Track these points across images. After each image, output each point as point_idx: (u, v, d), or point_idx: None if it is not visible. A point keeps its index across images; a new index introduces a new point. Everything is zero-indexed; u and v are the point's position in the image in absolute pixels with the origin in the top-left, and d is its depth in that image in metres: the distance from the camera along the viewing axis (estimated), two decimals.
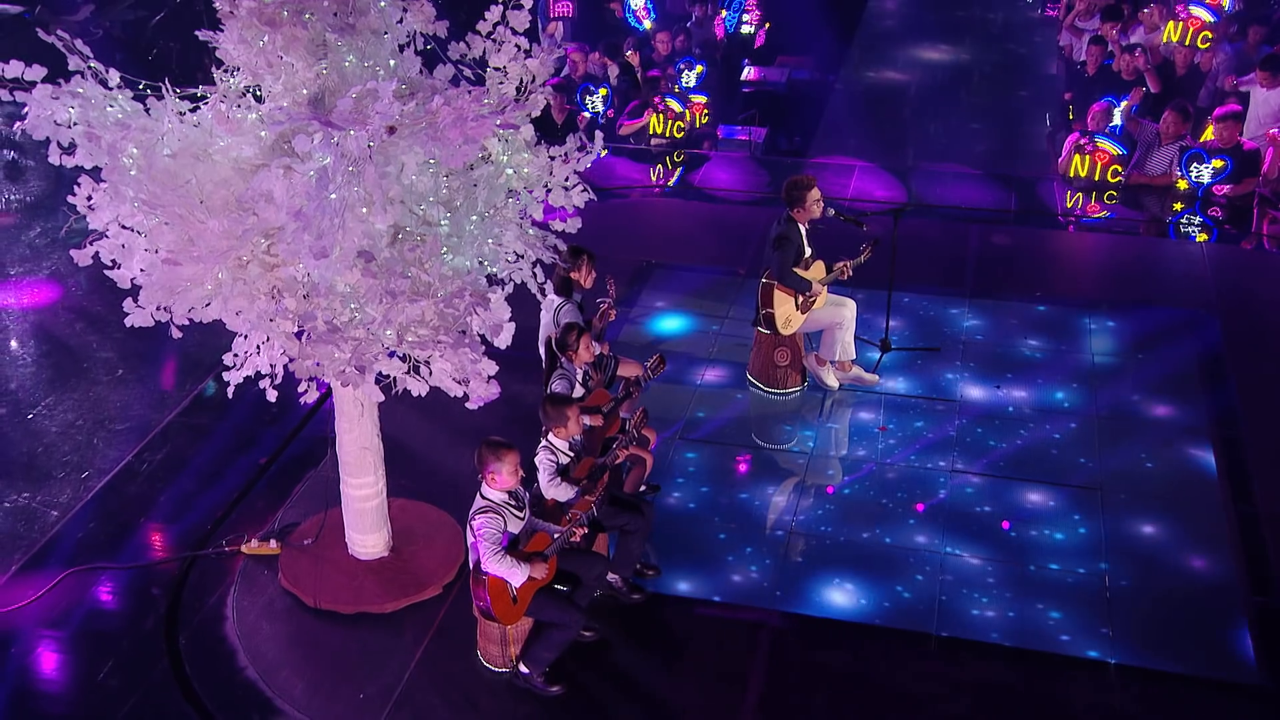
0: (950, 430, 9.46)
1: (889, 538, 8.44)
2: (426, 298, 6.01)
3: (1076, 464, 9.09)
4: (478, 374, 6.27)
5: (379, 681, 7.35)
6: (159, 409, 9.92)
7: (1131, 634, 7.60)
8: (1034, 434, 9.42)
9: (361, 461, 7.86)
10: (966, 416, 9.63)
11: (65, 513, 8.74)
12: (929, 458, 9.19)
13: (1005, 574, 8.10)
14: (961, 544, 8.36)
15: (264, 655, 7.54)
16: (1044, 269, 11.90)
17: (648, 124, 14.60)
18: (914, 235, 12.24)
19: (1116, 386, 9.96)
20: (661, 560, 8.23)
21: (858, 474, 9.11)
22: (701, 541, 8.45)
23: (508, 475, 6.93)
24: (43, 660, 7.54)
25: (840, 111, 16.04)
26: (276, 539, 8.39)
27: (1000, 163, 14.22)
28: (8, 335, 11.07)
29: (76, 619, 7.81)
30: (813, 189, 9.36)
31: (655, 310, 11.18)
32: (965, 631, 7.66)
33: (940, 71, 17.28)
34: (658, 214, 13.42)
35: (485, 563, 6.86)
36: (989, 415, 9.65)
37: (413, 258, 6.03)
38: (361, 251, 5.83)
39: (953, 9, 19.87)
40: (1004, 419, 9.61)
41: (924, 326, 10.81)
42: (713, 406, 9.84)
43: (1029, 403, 9.78)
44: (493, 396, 6.50)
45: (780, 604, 7.93)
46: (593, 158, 7.30)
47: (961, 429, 9.48)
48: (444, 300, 6.10)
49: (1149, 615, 7.75)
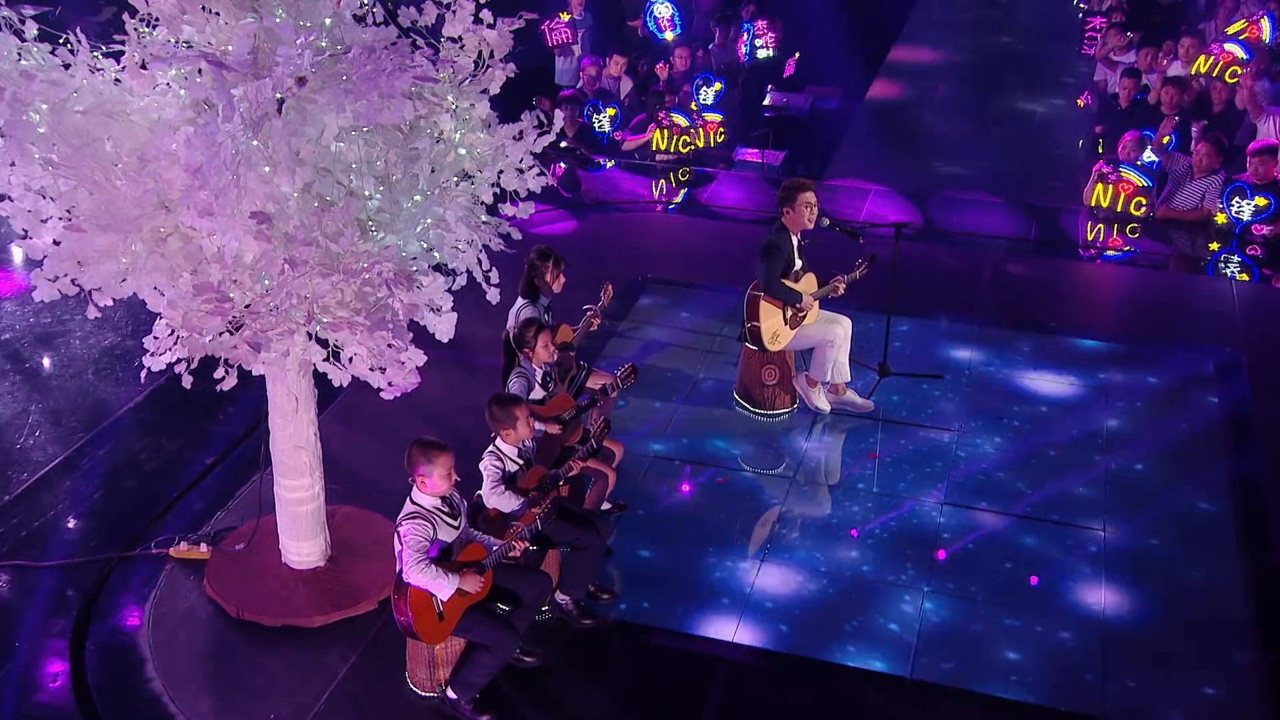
0: (947, 463, 8.76)
1: (869, 572, 7.74)
2: (339, 272, 5.42)
3: (1081, 504, 8.36)
4: (396, 361, 5.66)
5: (294, 701, 6.72)
6: (112, 403, 9.38)
7: (1127, 690, 6.85)
8: (1038, 471, 8.70)
9: (296, 461, 7.28)
10: (966, 449, 8.92)
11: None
12: (921, 490, 8.49)
13: (993, 617, 7.38)
14: (948, 582, 7.65)
15: (174, 666, 6.94)
16: (1061, 301, 11.20)
17: (650, 139, 14.03)
18: (924, 260, 11.66)
19: (1131, 424, 9.22)
20: (621, 584, 7.58)
21: (842, 503, 8.43)
22: (665, 566, 7.79)
23: (439, 479, 6.32)
24: None
25: (860, 136, 15.46)
26: (208, 543, 7.80)
27: (1024, 192, 13.54)
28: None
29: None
30: (807, 191, 8.75)
31: (645, 324, 10.58)
32: (942, 677, 6.94)
33: (968, 102, 16.65)
34: (660, 229, 12.85)
35: (407, 572, 6.23)
36: (990, 449, 8.94)
37: (322, 225, 5.44)
38: (255, 213, 5.26)
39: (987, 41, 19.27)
40: (1006, 454, 8.89)
41: (927, 353, 10.13)
42: (694, 425, 9.19)
43: (1034, 438, 9.06)
44: (411, 387, 5.90)
45: (742, 636, 7.24)
46: (549, 139, 6.73)
47: (959, 462, 8.78)
48: (364, 278, 5.50)
49: (1149, 669, 6.99)
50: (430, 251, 6.49)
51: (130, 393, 9.50)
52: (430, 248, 6.48)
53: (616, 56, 14.83)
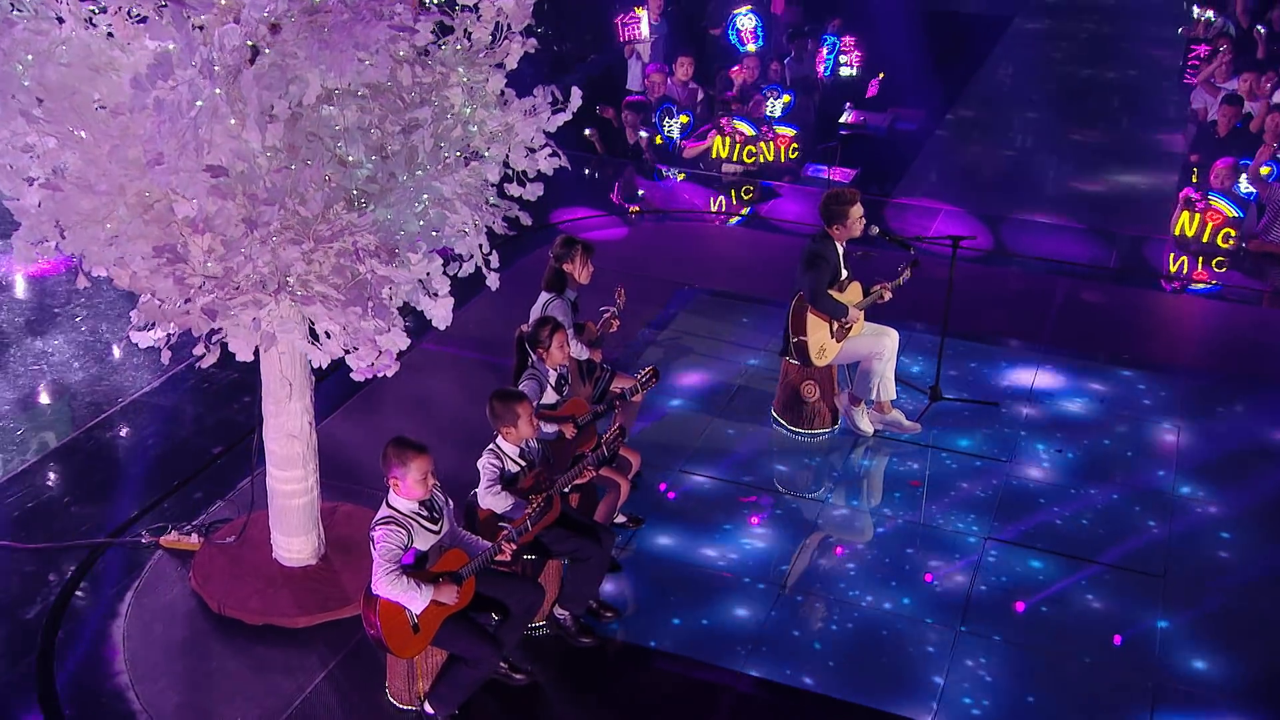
0: (995, 494, 8.11)
1: (898, 606, 7.12)
2: (310, 240, 4.99)
3: (1139, 546, 7.66)
4: (369, 339, 5.22)
5: (263, 705, 6.30)
6: (129, 386, 9.10)
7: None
8: (1094, 508, 8.01)
9: (288, 451, 6.88)
10: (1017, 481, 8.25)
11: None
12: (965, 521, 7.85)
13: (1029, 663, 6.72)
14: (984, 622, 7.00)
15: (145, 661, 6.56)
16: (1137, 332, 10.44)
17: (710, 146, 13.52)
18: (992, 282, 11.05)
19: (1201, 464, 8.48)
20: (628, 603, 7.07)
21: (877, 531, 7.82)
22: (678, 587, 7.24)
23: (413, 484, 5.83)
24: None
25: (936, 157, 14.78)
26: (200, 533, 7.44)
27: (1107, 220, 12.78)
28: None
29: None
30: (855, 204, 8.18)
31: (687, 335, 10.05)
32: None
33: (1054, 128, 15.89)
34: (715, 241, 12.34)
35: (376, 582, 5.76)
36: (1044, 483, 8.27)
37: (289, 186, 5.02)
38: (211, 166, 4.86)
39: (1079, 69, 18.48)
40: (1061, 488, 8.21)
41: (984, 378, 9.46)
42: (727, 441, 8.64)
43: (1094, 473, 8.36)
44: (383, 371, 5.46)
45: (752, 666, 6.66)
46: (564, 117, 6.27)
47: (1008, 494, 8.12)
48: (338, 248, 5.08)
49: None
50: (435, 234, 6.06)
51: (149, 377, 9.21)
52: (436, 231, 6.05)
53: (683, 59, 14.34)
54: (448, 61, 6.06)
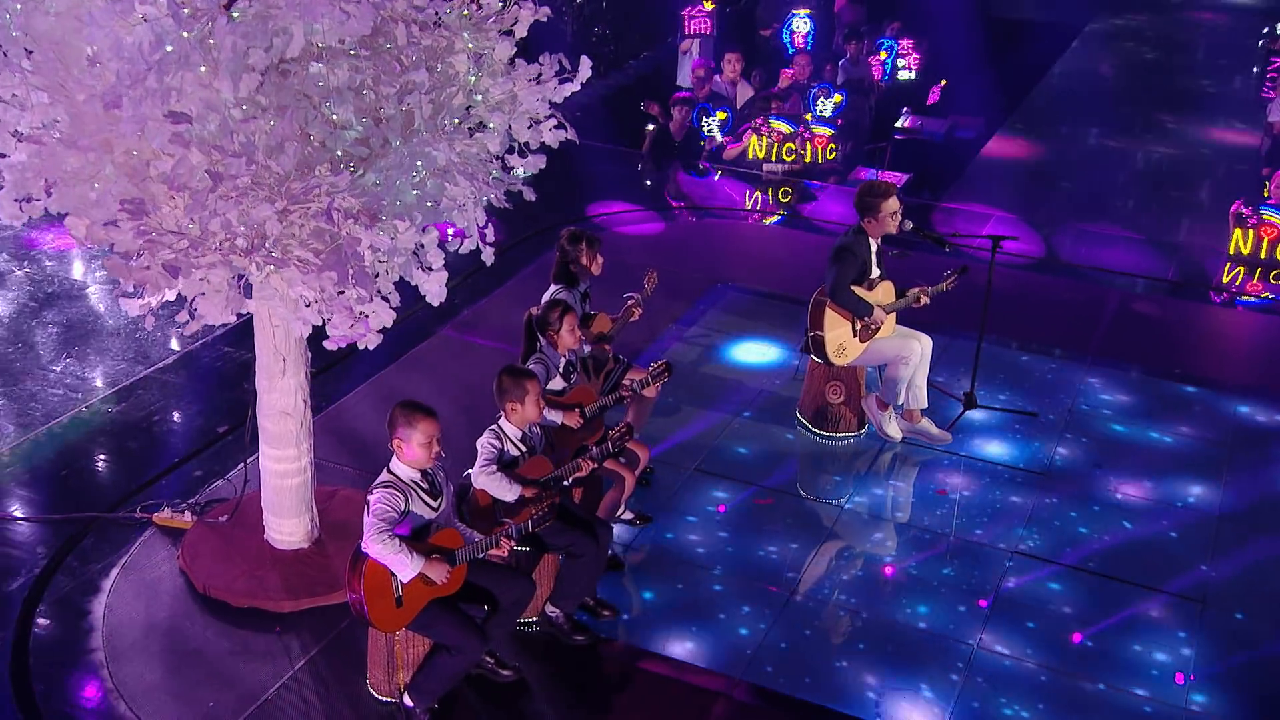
0: (1028, 507, 7.68)
1: (911, 620, 6.73)
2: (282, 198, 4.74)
3: (1179, 568, 7.21)
4: (343, 307, 4.96)
5: (239, 690, 6.06)
6: (143, 362, 8.95)
7: None
8: (1133, 525, 7.56)
9: (281, 429, 6.65)
10: (1053, 495, 7.82)
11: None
12: (993, 534, 7.44)
13: (1055, 687, 6.30)
14: (1006, 640, 6.60)
15: (124, 638, 6.35)
16: (1191, 346, 9.93)
17: (747, 146, 13.15)
18: (1040, 289, 10.65)
19: (1252, 485, 7.99)
20: (628, 602, 6.75)
21: (897, 541, 7.44)
22: (681, 588, 6.91)
23: (418, 447, 5.59)
24: None
25: (991, 163, 14.30)
26: (193, 512, 7.23)
27: (1171, 232, 12.24)
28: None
29: None
30: (890, 198, 7.81)
31: (716, 332, 9.73)
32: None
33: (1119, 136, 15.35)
34: (752, 239, 12.00)
35: (366, 541, 5.50)
36: (1081, 497, 7.83)
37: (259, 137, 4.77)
38: (171, 112, 4.62)
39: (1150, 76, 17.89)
40: (1100, 504, 7.77)
41: (1024, 387, 9.02)
42: (747, 440, 8.29)
43: (1136, 489, 7.91)
44: (357, 338, 5.20)
45: (751, 674, 6.31)
46: (573, 88, 5.98)
47: (1042, 508, 7.69)
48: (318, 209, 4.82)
49: None
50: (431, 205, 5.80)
51: (164, 354, 9.05)
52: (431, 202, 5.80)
53: (730, 56, 14.02)
54: (452, 26, 5.81)
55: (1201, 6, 21.41)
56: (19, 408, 8.30)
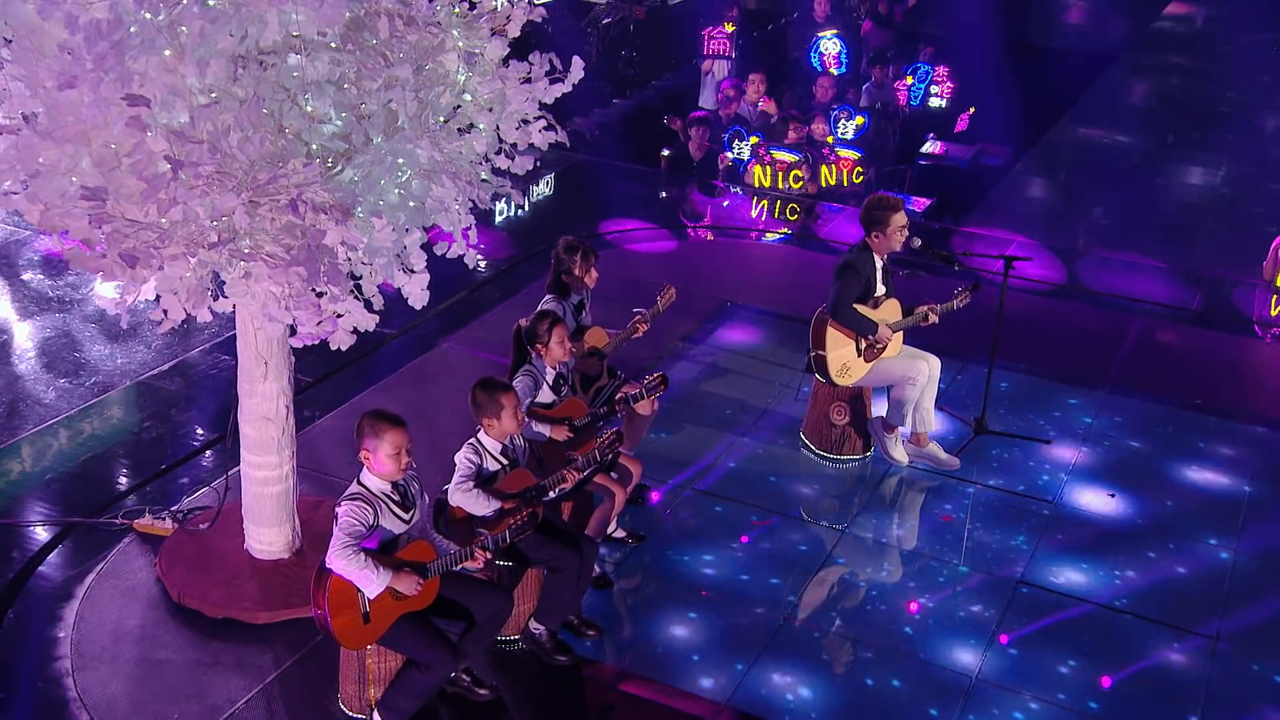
0: (1034, 538, 7.40)
1: (908, 649, 6.46)
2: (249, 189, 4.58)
3: (1191, 604, 6.91)
4: (311, 303, 4.78)
5: (207, 702, 5.87)
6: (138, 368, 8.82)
7: None
8: (1145, 559, 7.27)
9: (262, 435, 6.48)
10: (1063, 525, 7.54)
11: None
12: (999, 564, 7.16)
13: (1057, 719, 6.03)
14: (1008, 674, 6.32)
15: (91, 646, 6.17)
16: (1214, 378, 9.58)
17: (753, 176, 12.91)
18: (1058, 315, 10.36)
19: (1268, 524, 7.67)
20: (621, 623, 6.52)
21: (899, 567, 7.17)
22: (676, 610, 6.68)
23: (385, 458, 5.41)
24: None
25: (1016, 189, 14.06)
26: (174, 519, 7.06)
27: (1198, 261, 11.93)
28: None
29: None
30: (898, 211, 7.59)
31: (721, 350, 9.51)
32: None
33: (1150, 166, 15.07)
34: (765, 259, 11.76)
35: (331, 556, 5.30)
36: (1092, 527, 7.55)
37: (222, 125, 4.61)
38: (129, 95, 4.47)
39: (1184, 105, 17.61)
40: (1111, 535, 7.48)
41: (1039, 413, 8.75)
42: (747, 461, 8.05)
43: (1149, 522, 7.62)
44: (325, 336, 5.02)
45: (738, 700, 6.06)
46: (564, 89, 5.81)
47: (1051, 539, 7.41)
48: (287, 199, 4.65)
49: None
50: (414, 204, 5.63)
51: (158, 360, 8.92)
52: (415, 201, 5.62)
53: (754, 77, 13.85)
54: (442, 23, 5.66)
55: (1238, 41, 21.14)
56: (7, 411, 8.17)
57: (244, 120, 4.59)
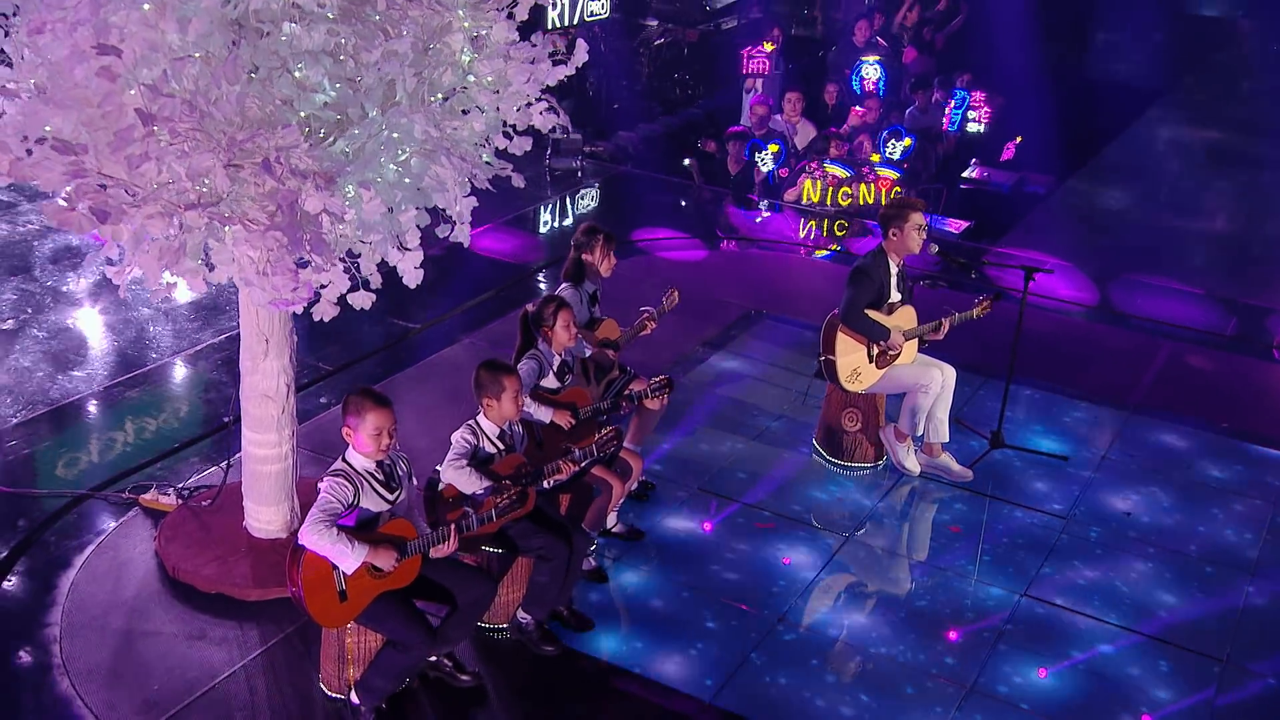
0: (1044, 553, 7.25)
1: (906, 659, 6.34)
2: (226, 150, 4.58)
3: (1202, 624, 6.72)
4: (287, 269, 4.78)
5: (188, 676, 5.86)
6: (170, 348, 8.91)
7: None
8: (1158, 578, 7.09)
9: (262, 413, 6.50)
10: (1072, 544, 7.38)
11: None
12: (1005, 578, 7.02)
13: None
14: (1004, 685, 6.17)
15: (82, 616, 6.20)
16: (1242, 403, 9.36)
17: (802, 190, 12.86)
18: (1087, 336, 10.20)
19: None
20: (614, 617, 6.45)
21: (903, 576, 7.05)
22: (664, 607, 6.60)
23: (366, 437, 5.38)
24: None
25: (1053, 214, 13.89)
26: (179, 495, 7.10)
27: (1234, 288, 11.71)
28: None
29: None
30: (918, 210, 7.51)
31: (741, 356, 9.43)
32: None
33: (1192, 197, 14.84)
34: (796, 272, 11.69)
35: (304, 531, 5.27)
36: (1106, 544, 7.38)
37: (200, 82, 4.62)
38: (101, 45, 4.50)
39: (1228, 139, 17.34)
40: (1125, 553, 7.31)
41: (1058, 430, 8.59)
42: (757, 465, 7.97)
43: (1166, 541, 7.44)
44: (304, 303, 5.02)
45: (725, 699, 5.96)
46: (567, 71, 5.80)
47: (1062, 553, 7.25)
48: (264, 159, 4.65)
49: None
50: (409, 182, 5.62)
51: (183, 343, 9.01)
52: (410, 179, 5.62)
53: (791, 95, 13.82)
54: (446, 2, 5.67)
55: None
56: (28, 386, 8.27)
57: (219, 76, 4.60)
